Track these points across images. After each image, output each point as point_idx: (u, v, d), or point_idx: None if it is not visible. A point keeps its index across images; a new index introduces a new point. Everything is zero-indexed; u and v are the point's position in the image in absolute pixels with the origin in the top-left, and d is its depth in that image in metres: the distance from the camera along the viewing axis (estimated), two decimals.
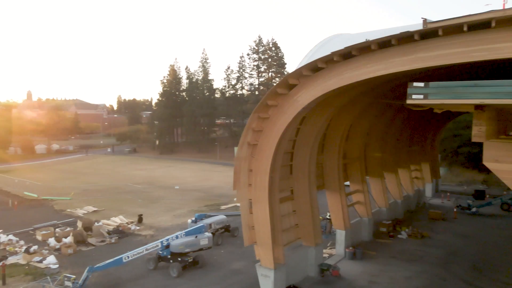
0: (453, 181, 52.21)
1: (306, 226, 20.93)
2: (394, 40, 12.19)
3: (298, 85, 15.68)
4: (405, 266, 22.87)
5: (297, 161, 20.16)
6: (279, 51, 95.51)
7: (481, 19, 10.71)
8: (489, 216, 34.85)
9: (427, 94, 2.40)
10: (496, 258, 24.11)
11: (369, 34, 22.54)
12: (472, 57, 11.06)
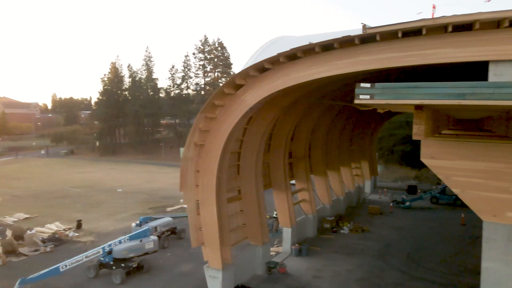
0: (389, 177, 55.71)
1: (254, 225, 21.13)
2: (337, 44, 12.74)
3: (245, 86, 15.78)
4: (347, 259, 23.96)
5: (244, 161, 20.27)
6: (225, 51, 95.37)
7: (413, 27, 11.55)
8: (420, 209, 37.68)
9: (373, 95, 2.56)
10: (428, 248, 26.13)
11: (313, 37, 23.29)
12: (406, 62, 11.91)
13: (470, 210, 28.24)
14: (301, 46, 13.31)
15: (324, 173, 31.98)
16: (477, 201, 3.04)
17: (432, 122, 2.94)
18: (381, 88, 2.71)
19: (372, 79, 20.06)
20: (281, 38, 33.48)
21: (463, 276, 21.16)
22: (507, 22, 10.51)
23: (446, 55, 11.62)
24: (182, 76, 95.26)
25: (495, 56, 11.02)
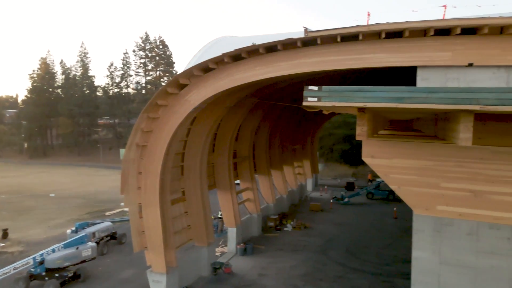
0: (329, 175, 58.20)
1: (199, 227, 20.89)
2: (280, 46, 13.05)
3: (189, 85, 15.55)
4: (291, 256, 24.61)
5: (188, 161, 19.96)
6: (167, 50, 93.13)
7: (350, 32, 12.21)
8: (358, 205, 39.83)
9: (320, 97, 2.69)
10: (365, 241, 27.70)
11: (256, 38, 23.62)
12: (345, 65, 12.55)
13: (401, 204, 30.28)
14: (246, 47, 13.44)
15: (268, 172, 32.54)
16: (412, 196, 3.33)
17: (372, 123, 3.17)
18: (328, 91, 2.85)
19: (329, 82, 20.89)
20: (224, 38, 33.48)
21: (396, 265, 22.73)
22: (432, 31, 11.51)
23: (380, 59, 12.45)
24: (122, 74, 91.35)
25: (422, 62, 12.03)
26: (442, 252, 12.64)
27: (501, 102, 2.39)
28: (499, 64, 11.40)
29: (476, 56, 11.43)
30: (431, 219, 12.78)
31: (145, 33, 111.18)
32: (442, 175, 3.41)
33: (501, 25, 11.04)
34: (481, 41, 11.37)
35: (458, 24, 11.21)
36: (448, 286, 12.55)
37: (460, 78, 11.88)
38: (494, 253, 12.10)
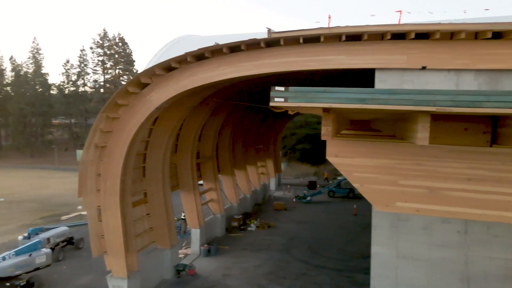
0: (291, 174, 59.10)
1: (161, 229, 20.47)
2: (243, 46, 13.08)
3: (151, 84, 15.20)
4: (255, 255, 24.74)
5: (150, 162, 19.51)
6: (126, 47, 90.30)
7: (312, 34, 12.48)
8: (320, 203, 40.76)
9: (287, 98, 2.73)
10: (326, 238, 28.40)
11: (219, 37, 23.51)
12: (307, 66, 12.80)
13: (361, 201, 31.39)
14: (209, 46, 13.35)
15: (232, 172, 32.50)
16: (373, 193, 3.46)
17: (335, 123, 3.28)
18: (294, 92, 2.90)
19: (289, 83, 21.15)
20: (186, 37, 33.01)
21: (356, 261, 23.50)
22: (389, 35, 12.02)
23: (341, 61, 12.83)
24: (78, 72, 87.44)
25: (380, 64, 12.53)
26: (399, 246, 13.23)
27: (455, 104, 2.57)
28: (450, 68, 12.11)
29: (429, 59, 12.07)
30: (389, 215, 13.34)
31: (103, 29, 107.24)
32: (401, 173, 3.58)
33: (451, 31, 11.73)
34: (433, 45, 12.02)
35: (412, 29, 11.78)
36: (404, 278, 13.16)
37: (414, 81, 12.49)
38: (446, 245, 12.82)
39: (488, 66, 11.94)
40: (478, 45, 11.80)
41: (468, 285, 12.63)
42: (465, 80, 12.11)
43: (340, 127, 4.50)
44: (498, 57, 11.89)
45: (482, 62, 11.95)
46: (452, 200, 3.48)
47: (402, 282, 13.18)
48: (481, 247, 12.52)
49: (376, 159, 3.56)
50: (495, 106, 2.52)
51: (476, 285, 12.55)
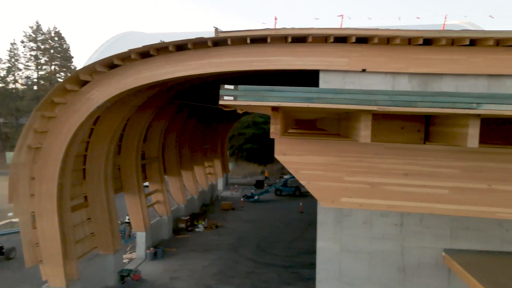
0: (239, 174, 59.34)
1: (104, 234, 19.52)
2: (190, 44, 12.89)
3: (91, 82, 14.43)
4: (203, 256, 24.50)
5: (91, 164, 18.52)
6: (63, 42, 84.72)
7: (259, 35, 12.64)
8: (267, 202, 41.40)
9: (236, 96, 2.73)
10: (274, 236, 28.91)
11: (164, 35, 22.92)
12: (254, 66, 12.93)
13: (306, 199, 32.44)
14: (154, 43, 12.98)
15: (178, 173, 31.89)
16: (319, 190, 3.60)
17: (283, 122, 3.36)
18: (243, 90, 2.91)
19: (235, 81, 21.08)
20: (129, 33, 31.80)
21: (302, 256, 24.20)
22: (332, 38, 12.53)
23: (287, 62, 13.13)
24: (8, 67, 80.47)
25: (324, 66, 13.02)
26: (343, 241, 13.84)
27: (394, 103, 2.76)
28: (387, 71, 12.91)
29: (368, 62, 12.76)
30: (333, 211, 13.91)
31: (36, 22, 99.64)
32: (345, 170, 3.75)
33: (388, 36, 12.51)
34: (372, 49, 12.74)
35: (353, 33, 12.39)
36: (347, 271, 13.79)
37: (355, 82, 13.14)
38: (384, 238, 13.64)
39: (420, 70, 12.90)
40: (411, 50, 12.71)
41: (404, 274, 13.54)
42: (400, 83, 12.97)
43: (287, 126, 4.61)
44: (428, 62, 12.89)
45: (415, 66, 12.88)
46: (391, 194, 3.72)
47: (345, 274, 13.81)
48: (415, 238, 13.49)
49: (322, 156, 3.69)
50: (427, 106, 2.75)
51: (411, 274, 13.49)
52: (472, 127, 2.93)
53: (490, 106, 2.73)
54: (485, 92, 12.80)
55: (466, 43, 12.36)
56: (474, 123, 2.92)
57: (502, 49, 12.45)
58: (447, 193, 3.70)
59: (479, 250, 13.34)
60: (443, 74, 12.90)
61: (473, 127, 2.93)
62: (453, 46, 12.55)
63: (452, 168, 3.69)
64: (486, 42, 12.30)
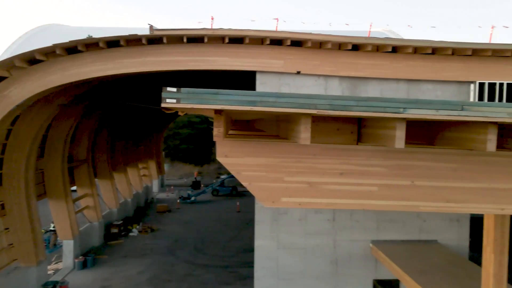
0: (175, 175, 58.08)
1: (25, 244, 17.85)
2: (123, 41, 12.31)
3: (8, 78, 13.11)
4: (137, 262, 23.56)
5: (9, 168, 16.82)
6: None
7: (196, 34, 12.50)
8: (204, 202, 41.04)
9: (179, 99, 2.67)
10: (211, 237, 28.76)
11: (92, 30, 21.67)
12: (191, 66, 12.75)
13: (244, 198, 32.78)
14: (83, 39, 12.18)
15: (110, 176, 30.28)
16: (261, 191, 3.68)
17: (225, 124, 3.39)
18: (186, 93, 2.87)
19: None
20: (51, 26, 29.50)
21: (240, 256, 24.39)
22: (268, 40, 12.82)
23: (224, 62, 13.16)
24: None
25: (260, 68, 13.28)
26: (280, 238, 14.25)
27: (332, 107, 2.93)
28: (319, 73, 13.55)
29: (303, 65, 13.29)
30: (270, 210, 14.25)
31: None
32: (285, 170, 3.88)
33: (320, 41, 13.13)
34: (306, 53, 13.28)
35: (289, 36, 12.80)
36: (284, 267, 14.23)
37: (290, 84, 13.60)
38: (318, 233, 14.30)
39: (349, 73, 13.74)
40: (341, 55, 13.48)
41: (337, 266, 14.32)
42: (332, 85, 13.70)
43: (228, 127, 4.64)
44: (356, 66, 13.78)
45: (344, 70, 13.69)
46: (328, 193, 3.93)
47: (283, 270, 14.24)
48: (346, 232, 14.35)
49: (263, 158, 3.78)
50: (362, 110, 2.98)
51: (343, 265, 14.33)
52: (399, 129, 3.23)
53: (415, 111, 3.05)
54: (405, 95, 14.04)
55: (389, 50, 13.42)
56: (401, 126, 3.22)
57: (419, 57, 13.74)
58: (377, 190, 4.01)
59: (401, 240, 14.60)
60: (369, 78, 13.87)
61: (400, 129, 3.23)
62: (377, 52, 13.55)
63: (381, 167, 4.02)
64: (406, 50, 13.47)
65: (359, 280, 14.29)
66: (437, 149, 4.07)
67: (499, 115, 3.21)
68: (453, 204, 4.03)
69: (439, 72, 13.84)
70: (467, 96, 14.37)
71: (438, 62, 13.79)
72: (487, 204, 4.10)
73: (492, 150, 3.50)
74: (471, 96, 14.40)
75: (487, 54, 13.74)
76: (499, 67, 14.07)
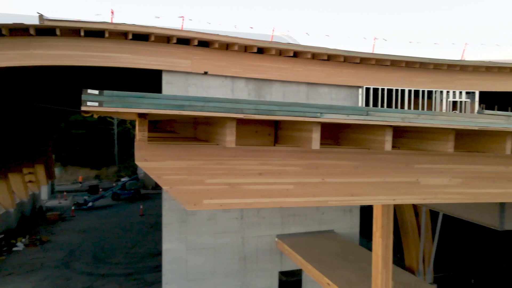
0: (69, 180, 52.89)
1: None
2: (5, 30, 10.79)
3: None
4: (25, 279, 20.93)
5: None
6: None
7: (96, 28, 11.60)
8: (104, 208, 38.25)
9: (102, 102, 2.45)
10: (113, 244, 26.99)
11: None
12: (90, 62, 11.78)
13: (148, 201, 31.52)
14: None
15: None
16: (182, 194, 3.62)
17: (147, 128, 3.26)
18: (110, 96, 2.67)
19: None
20: None
21: (145, 261, 23.41)
22: (175, 39, 12.54)
23: (127, 60, 12.46)
24: None
25: (167, 67, 12.93)
26: (188, 239, 14.10)
27: (257, 112, 3.06)
28: (226, 74, 13.76)
29: (210, 66, 13.33)
30: (178, 211, 14.00)
31: None
32: (206, 173, 3.89)
33: (227, 42, 13.33)
34: (213, 53, 13.35)
35: (196, 36, 12.71)
36: (194, 268, 14.13)
37: (198, 84, 13.53)
38: (227, 232, 14.54)
39: (254, 75, 14.24)
40: (247, 57, 13.89)
41: (245, 262, 14.74)
42: (238, 86, 14.03)
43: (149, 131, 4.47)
44: (261, 68, 14.35)
45: (250, 72, 14.14)
46: (248, 193, 4.06)
47: (192, 272, 14.11)
48: (253, 229, 14.87)
49: (184, 161, 3.74)
50: (284, 114, 3.17)
51: (251, 261, 14.81)
52: (315, 132, 3.53)
53: (330, 115, 3.36)
54: (305, 97, 15.12)
55: (291, 54, 14.29)
56: (317, 129, 3.52)
57: (317, 62, 14.92)
58: (293, 188, 4.29)
59: (303, 232, 15.68)
60: (273, 80, 14.58)
61: (316, 132, 3.53)
62: (280, 56, 14.32)
63: (296, 166, 4.30)
64: (305, 55, 14.51)
65: (266, 274, 14.94)
66: (343, 148, 4.53)
67: (394, 119, 3.74)
68: (356, 197, 4.53)
69: (333, 77, 15.22)
70: (356, 99, 16.08)
71: (332, 68, 15.15)
72: (382, 196, 4.70)
73: (389, 150, 4.04)
74: (359, 99, 16.13)
75: (371, 62, 15.56)
76: (381, 74, 16.08)
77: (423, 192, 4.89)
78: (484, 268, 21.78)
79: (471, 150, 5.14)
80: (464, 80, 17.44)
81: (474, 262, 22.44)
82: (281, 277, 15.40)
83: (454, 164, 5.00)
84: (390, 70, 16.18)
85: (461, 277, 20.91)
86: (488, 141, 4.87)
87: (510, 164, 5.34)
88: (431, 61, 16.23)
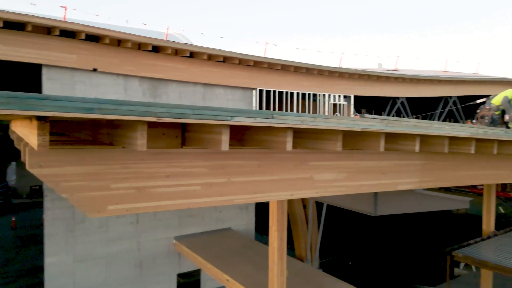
0: None
1: None
2: None
3: None
4: None
5: None
6: None
7: None
8: None
9: None
10: None
11: None
12: None
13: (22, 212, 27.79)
14: None
15: None
16: (85, 201, 3.35)
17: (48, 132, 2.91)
18: (6, 97, 2.32)
19: None
20: None
21: (22, 280, 20.61)
22: (58, 31, 11.36)
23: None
24: None
25: (48, 61, 11.64)
26: (76, 250, 12.96)
27: (171, 115, 3.03)
28: (119, 72, 13.00)
29: (100, 62, 12.43)
30: (64, 220, 12.75)
31: None
32: (111, 177, 3.71)
33: (119, 38, 12.61)
34: (103, 49, 12.48)
35: (83, 29, 11.70)
36: (83, 281, 13.05)
37: (86, 81, 12.50)
38: (121, 238, 13.79)
39: (149, 74, 13.77)
40: (141, 55, 13.35)
41: (141, 268, 14.18)
42: (132, 86, 13.38)
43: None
44: (156, 67, 13.95)
45: (145, 70, 13.63)
46: (155, 196, 4.00)
47: (81, 285, 13.01)
48: (150, 232, 14.38)
49: (87, 166, 3.50)
50: (197, 118, 3.22)
51: (148, 266, 14.30)
52: (225, 134, 3.67)
53: (239, 119, 3.53)
54: (202, 97, 15.22)
55: (187, 54, 14.22)
56: (226, 131, 3.66)
57: (213, 63, 15.15)
58: (200, 188, 4.36)
59: (201, 232, 15.75)
60: (169, 80, 14.32)
61: (225, 134, 3.67)
62: (176, 56, 14.13)
63: (203, 167, 4.39)
64: (202, 56, 14.60)
65: (164, 278, 14.62)
66: (247, 149, 4.78)
67: (295, 122, 4.12)
68: (259, 194, 4.83)
69: (229, 78, 15.64)
70: (250, 100, 16.81)
71: (228, 69, 15.56)
72: (282, 191, 5.10)
73: (290, 149, 4.43)
74: (253, 101, 16.89)
75: (264, 66, 16.46)
76: (273, 77, 17.11)
77: (316, 186, 5.47)
78: (360, 250, 24.98)
79: (353, 148, 5.94)
80: (342, 85, 19.69)
81: (352, 246, 25.54)
82: (179, 280, 15.24)
83: (340, 160, 5.72)
84: (280, 74, 17.32)
85: (341, 260, 23.60)
86: (367, 140, 5.69)
87: (382, 160, 6.33)
88: (315, 67, 17.90)
